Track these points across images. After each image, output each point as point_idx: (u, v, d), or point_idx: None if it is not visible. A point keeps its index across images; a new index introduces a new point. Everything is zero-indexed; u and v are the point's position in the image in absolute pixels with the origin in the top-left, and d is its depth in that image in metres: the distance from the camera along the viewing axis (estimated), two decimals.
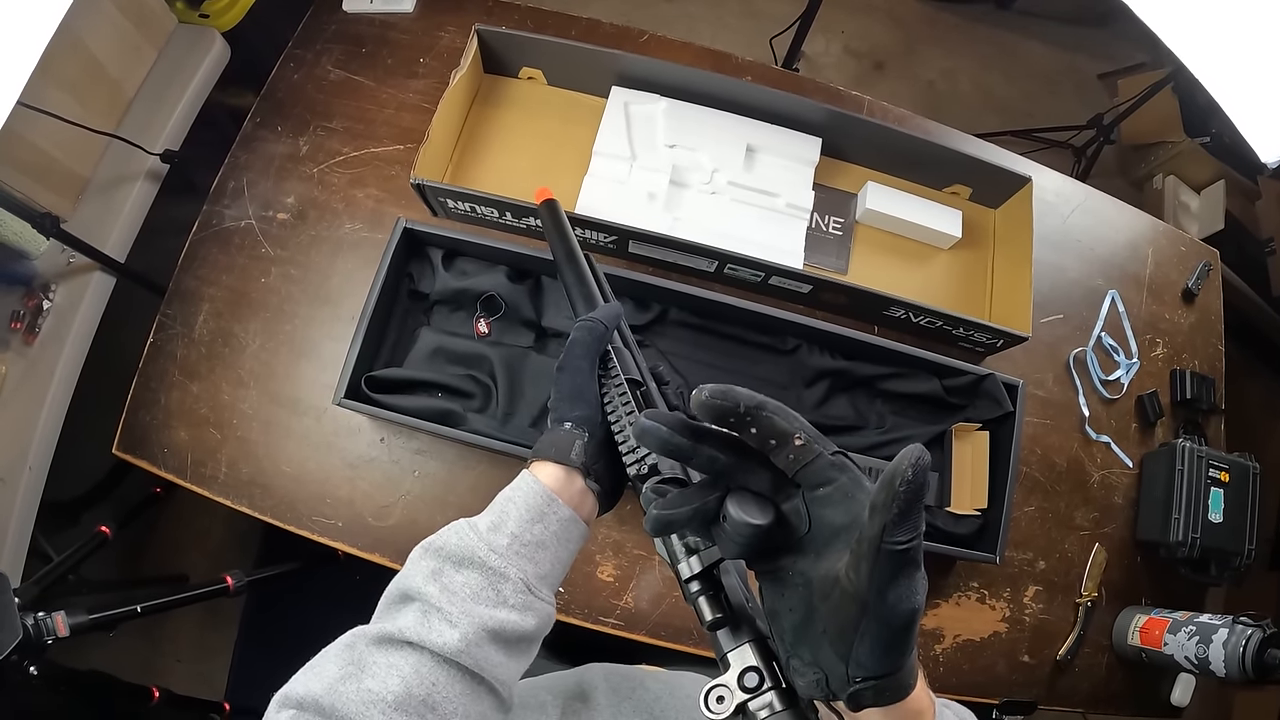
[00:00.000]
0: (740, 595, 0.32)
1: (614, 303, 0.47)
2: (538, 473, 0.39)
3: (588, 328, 0.43)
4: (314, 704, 0.31)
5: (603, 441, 0.40)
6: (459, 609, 0.34)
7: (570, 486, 0.39)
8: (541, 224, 0.55)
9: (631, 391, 0.41)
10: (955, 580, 0.85)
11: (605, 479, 0.41)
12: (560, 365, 0.42)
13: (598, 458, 0.40)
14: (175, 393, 0.85)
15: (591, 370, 0.42)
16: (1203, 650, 0.77)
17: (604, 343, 0.43)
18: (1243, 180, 1.63)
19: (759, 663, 0.28)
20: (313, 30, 0.99)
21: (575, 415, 0.40)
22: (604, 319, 0.44)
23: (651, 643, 0.78)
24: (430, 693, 0.32)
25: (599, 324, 0.43)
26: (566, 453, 0.39)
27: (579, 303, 0.48)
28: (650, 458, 0.37)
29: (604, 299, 0.49)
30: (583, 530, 0.40)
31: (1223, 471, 0.89)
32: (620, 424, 0.40)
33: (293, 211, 0.91)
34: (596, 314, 0.44)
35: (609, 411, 0.41)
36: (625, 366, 0.43)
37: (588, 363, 0.42)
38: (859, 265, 0.93)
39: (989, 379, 0.81)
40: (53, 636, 0.73)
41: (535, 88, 0.95)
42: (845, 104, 1.02)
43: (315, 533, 0.81)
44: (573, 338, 0.43)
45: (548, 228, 0.55)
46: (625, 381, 0.42)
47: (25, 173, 0.89)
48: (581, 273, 0.50)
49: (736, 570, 0.33)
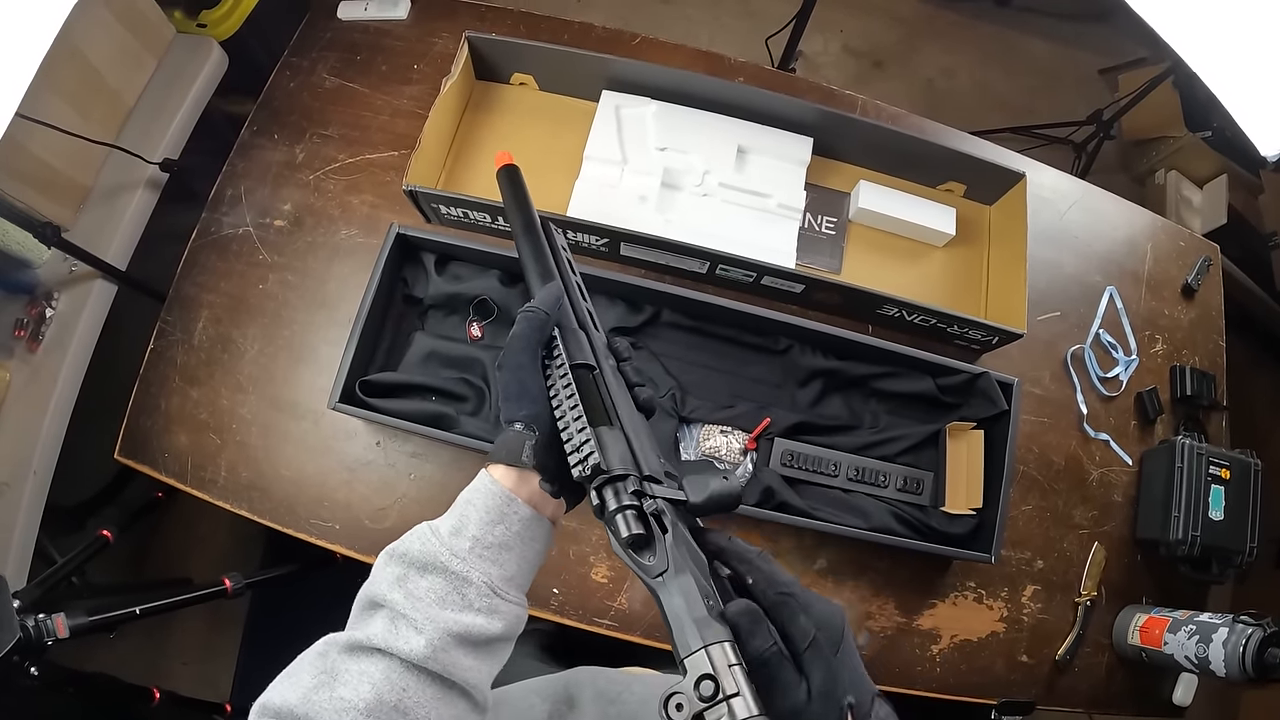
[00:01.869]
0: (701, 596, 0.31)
1: (554, 283, 0.43)
2: (494, 473, 0.39)
3: (526, 318, 0.40)
4: (290, 713, 0.32)
5: (554, 437, 0.38)
6: (424, 615, 0.34)
7: (526, 487, 0.38)
8: (500, 192, 0.49)
9: (577, 379, 0.39)
10: (952, 580, 0.85)
11: (561, 476, 0.38)
12: (500, 363, 0.40)
13: (551, 455, 0.38)
14: (175, 398, 0.86)
15: (533, 364, 0.40)
16: (1203, 649, 0.76)
17: (545, 330, 0.40)
18: (1245, 174, 1.61)
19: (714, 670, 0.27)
20: (308, 38, 1.00)
21: (522, 415, 0.39)
22: (543, 305, 0.41)
23: (645, 644, 0.78)
24: (401, 698, 0.32)
25: (539, 312, 0.40)
26: (517, 455, 0.38)
27: (533, 279, 0.45)
28: (593, 458, 0.35)
29: (561, 273, 0.45)
30: (547, 529, 0.40)
31: (1223, 468, 0.88)
32: (564, 419, 0.37)
33: (289, 218, 0.92)
34: (535, 301, 0.42)
35: (555, 405, 0.38)
36: (573, 351, 0.40)
37: (528, 357, 0.40)
38: (853, 264, 0.93)
39: (983, 377, 0.80)
40: (53, 638, 0.75)
41: (527, 93, 0.96)
42: (839, 103, 1.02)
43: (313, 536, 0.82)
44: (513, 331, 0.40)
45: (506, 197, 0.50)
46: (570, 369, 0.39)
47: (27, 183, 0.90)
48: (538, 245, 0.46)
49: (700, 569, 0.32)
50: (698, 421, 0.81)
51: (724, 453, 0.79)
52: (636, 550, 0.32)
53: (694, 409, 0.80)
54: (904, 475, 0.82)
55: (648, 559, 0.32)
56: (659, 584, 0.31)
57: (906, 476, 0.82)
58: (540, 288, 0.44)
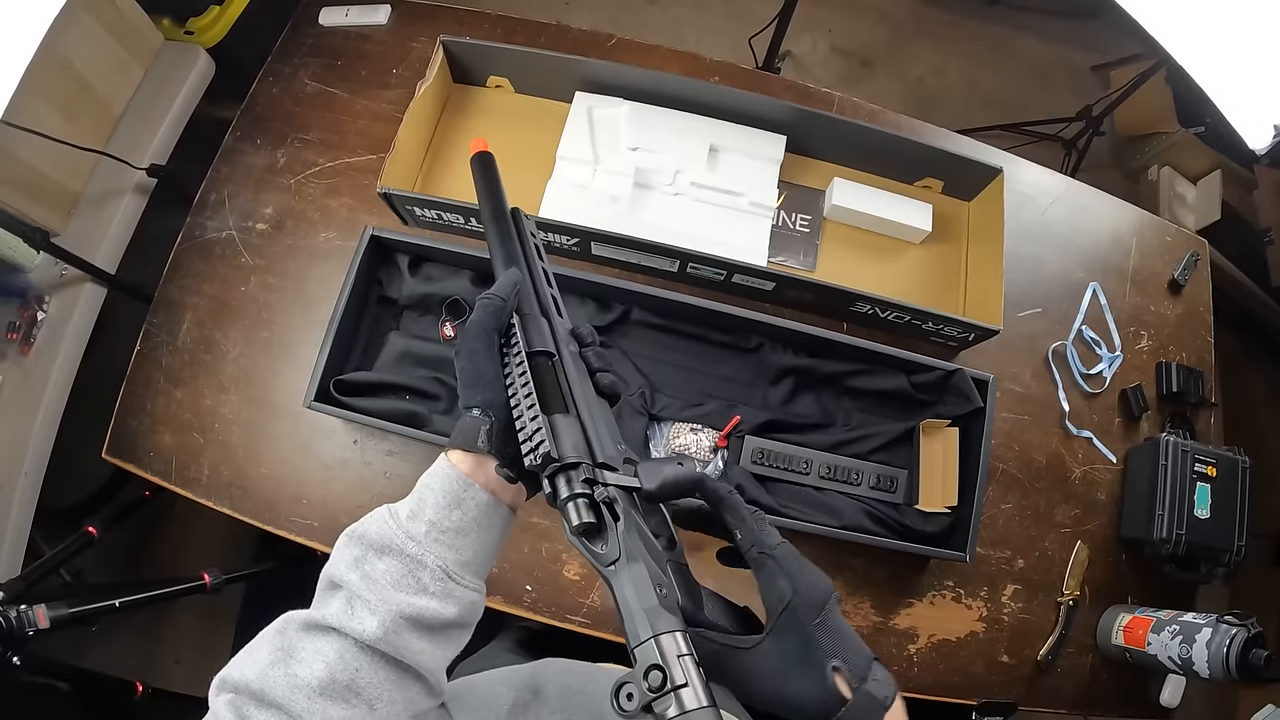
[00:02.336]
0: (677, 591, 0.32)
1: (513, 270, 0.43)
2: (452, 458, 0.39)
3: (484, 304, 0.41)
4: (246, 688, 0.32)
5: (510, 423, 0.38)
6: (378, 596, 0.34)
7: (484, 472, 0.38)
8: (473, 178, 0.49)
9: (533, 366, 0.39)
10: (929, 579, 0.84)
11: (519, 462, 0.38)
12: (456, 350, 0.40)
13: (508, 441, 0.38)
14: (161, 399, 0.88)
15: (489, 351, 0.40)
16: (1186, 650, 0.75)
17: (502, 317, 0.41)
18: (1239, 170, 1.59)
19: (663, 660, 0.27)
20: (290, 44, 1.02)
21: (477, 400, 0.39)
22: (500, 292, 0.41)
23: (618, 641, 0.78)
24: (354, 678, 0.33)
25: (495, 299, 0.41)
26: (473, 440, 0.38)
27: (498, 264, 0.45)
28: (543, 446, 0.35)
29: (527, 259, 0.45)
30: (505, 514, 0.40)
31: (1209, 466, 0.86)
32: (518, 406, 0.37)
33: (271, 222, 0.94)
34: (494, 289, 0.42)
35: (510, 394, 0.39)
36: (533, 338, 0.40)
37: (483, 344, 0.40)
38: (828, 262, 0.92)
39: (957, 374, 0.80)
40: (34, 628, 0.76)
41: (503, 95, 0.97)
42: (815, 102, 1.02)
43: (292, 533, 0.83)
44: (470, 318, 0.41)
45: (478, 182, 0.50)
46: (526, 356, 0.39)
47: (18, 189, 0.92)
48: (505, 232, 0.46)
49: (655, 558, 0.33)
50: (667, 419, 0.81)
51: (694, 450, 0.79)
52: (589, 538, 0.33)
53: (664, 407, 0.80)
54: (877, 473, 0.81)
55: (600, 547, 0.33)
56: (611, 572, 0.32)
57: (880, 474, 0.81)
58: (504, 270, 0.44)
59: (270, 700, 0.32)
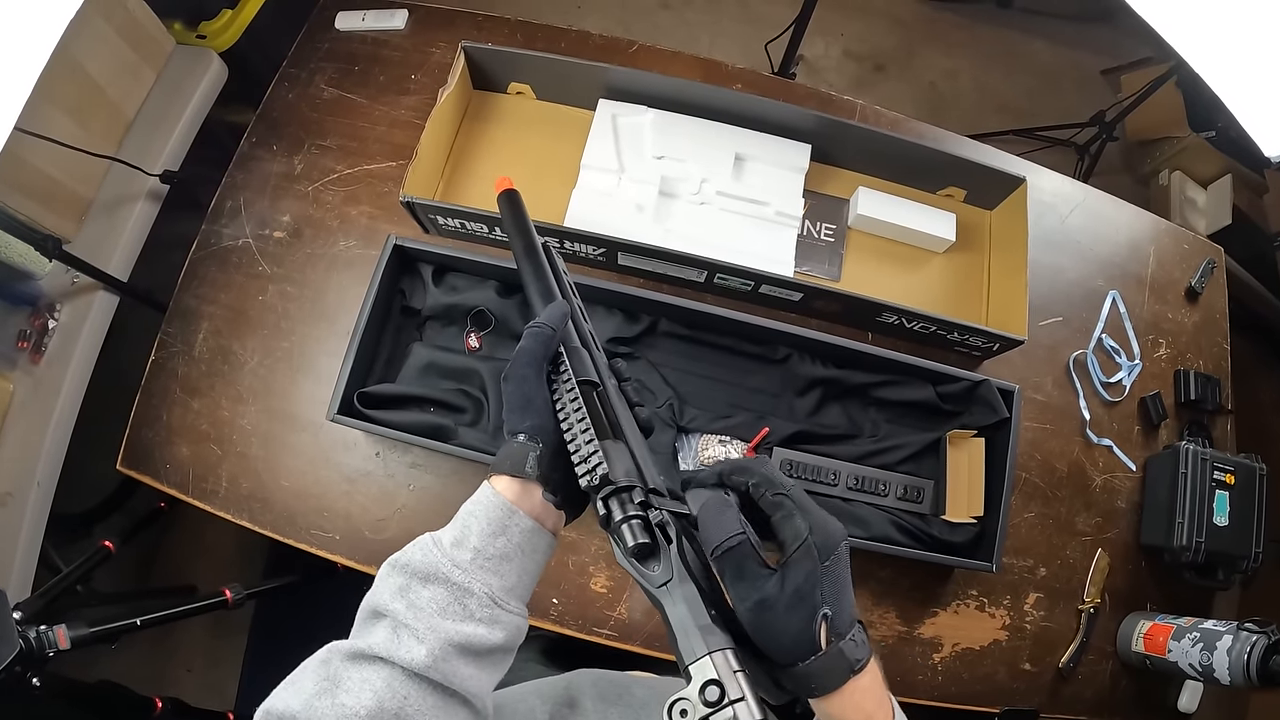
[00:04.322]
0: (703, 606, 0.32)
1: (561, 301, 0.45)
2: (496, 485, 0.39)
3: (534, 333, 0.41)
4: (293, 719, 0.32)
5: (558, 449, 0.39)
6: (425, 625, 0.34)
7: (529, 499, 0.39)
8: (500, 216, 0.51)
9: (584, 394, 0.39)
10: (953, 588, 0.84)
11: (564, 488, 0.39)
12: (505, 375, 0.41)
13: (554, 467, 0.39)
14: (177, 409, 0.87)
15: (539, 377, 0.40)
16: (1207, 657, 0.75)
17: (552, 346, 0.41)
18: (1250, 174, 1.60)
19: (719, 675, 0.28)
20: (306, 49, 1.01)
21: (526, 426, 0.39)
22: (550, 322, 0.42)
23: (645, 653, 0.78)
24: (402, 706, 0.33)
25: (545, 328, 0.41)
26: (521, 466, 0.38)
27: (536, 299, 0.46)
28: (601, 468, 0.35)
29: (563, 294, 0.46)
30: (548, 540, 0.40)
31: (1228, 474, 0.87)
32: (572, 431, 0.38)
33: (288, 230, 0.92)
34: (543, 317, 0.42)
35: (561, 419, 0.39)
36: (579, 368, 0.41)
37: (533, 370, 0.40)
38: (852, 271, 0.92)
39: (984, 385, 0.80)
40: (54, 649, 0.75)
41: (524, 102, 0.96)
42: (837, 109, 1.02)
43: (314, 546, 0.82)
44: (520, 345, 0.41)
45: (506, 220, 0.52)
46: (577, 384, 0.40)
47: (29, 196, 0.91)
48: (540, 267, 0.47)
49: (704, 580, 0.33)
50: (696, 431, 0.80)
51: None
52: (640, 560, 0.33)
53: (692, 419, 0.80)
54: (904, 484, 0.81)
55: (652, 568, 0.33)
56: (663, 593, 0.32)
57: (907, 485, 0.81)
58: (542, 307, 0.45)
59: None
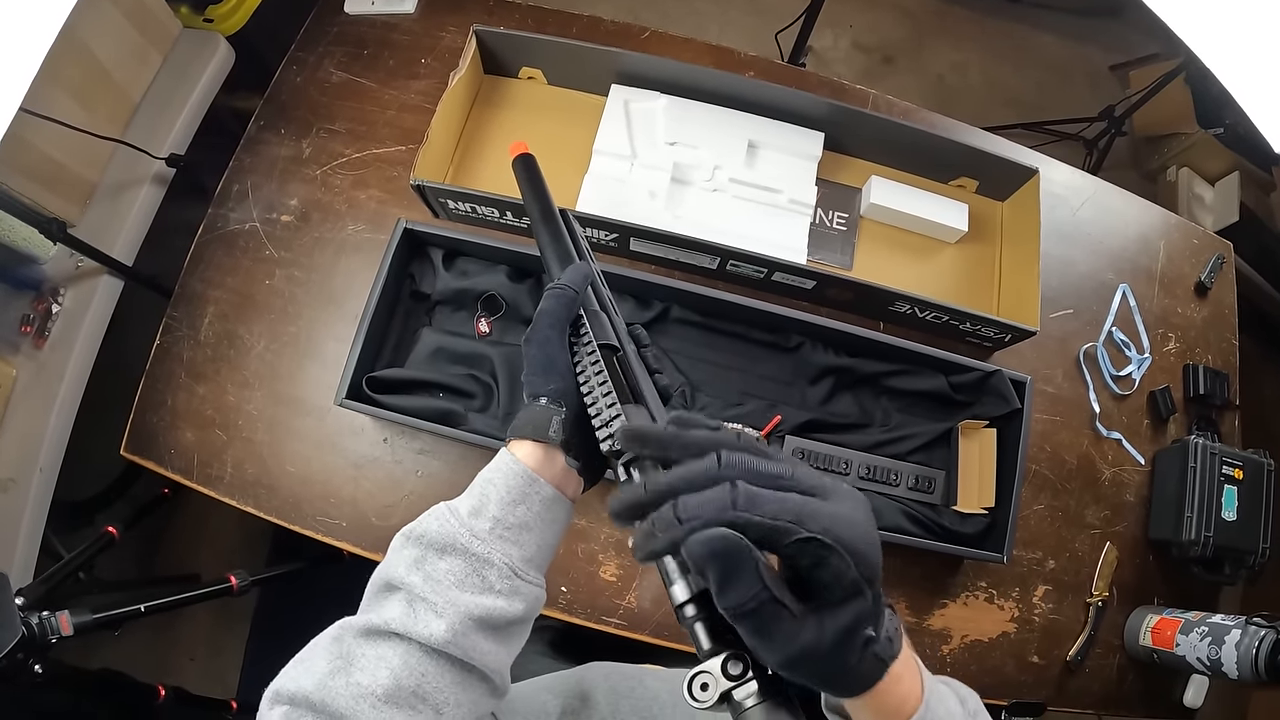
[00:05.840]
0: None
1: (582, 263, 0.43)
2: (516, 452, 0.38)
3: (555, 294, 0.40)
4: (305, 700, 0.31)
5: (579, 414, 0.38)
6: (444, 598, 0.33)
7: (551, 465, 0.37)
8: (516, 181, 0.50)
9: (605, 358, 0.38)
10: (963, 580, 0.84)
11: (585, 453, 0.38)
12: (528, 337, 0.39)
13: (575, 432, 0.37)
14: (182, 394, 0.86)
15: (561, 340, 0.39)
16: (1215, 651, 0.75)
17: (574, 309, 0.40)
18: (1258, 172, 1.60)
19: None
20: (315, 33, 1.00)
21: (549, 389, 0.38)
22: (571, 284, 0.41)
23: (655, 643, 0.78)
24: (420, 683, 0.32)
25: (567, 289, 0.40)
26: (544, 430, 0.37)
27: (554, 263, 0.44)
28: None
29: (580, 259, 0.45)
30: (567, 508, 0.39)
31: (1237, 468, 0.87)
32: (593, 395, 0.37)
33: (296, 214, 0.92)
34: (564, 279, 0.41)
35: (582, 382, 0.38)
36: (599, 332, 0.40)
37: (557, 332, 0.39)
38: (864, 260, 0.92)
39: (996, 375, 0.79)
40: (57, 635, 0.74)
41: (535, 87, 0.95)
42: (850, 98, 1.01)
43: (320, 533, 0.81)
44: (541, 307, 0.40)
45: (522, 185, 0.50)
46: (598, 348, 0.39)
47: (33, 179, 0.90)
48: (557, 231, 0.46)
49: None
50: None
51: None
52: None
53: (704, 406, 0.79)
54: (915, 474, 0.81)
55: None
56: None
57: (918, 475, 0.81)
58: (560, 271, 0.43)
59: (332, 711, 0.30)
